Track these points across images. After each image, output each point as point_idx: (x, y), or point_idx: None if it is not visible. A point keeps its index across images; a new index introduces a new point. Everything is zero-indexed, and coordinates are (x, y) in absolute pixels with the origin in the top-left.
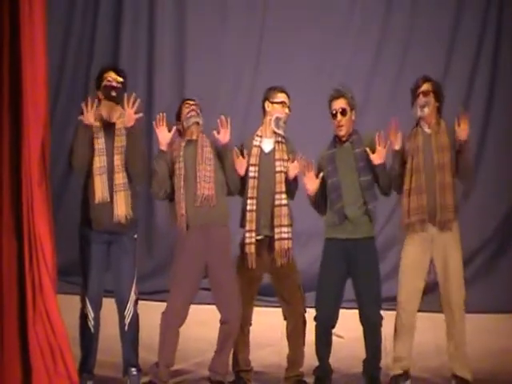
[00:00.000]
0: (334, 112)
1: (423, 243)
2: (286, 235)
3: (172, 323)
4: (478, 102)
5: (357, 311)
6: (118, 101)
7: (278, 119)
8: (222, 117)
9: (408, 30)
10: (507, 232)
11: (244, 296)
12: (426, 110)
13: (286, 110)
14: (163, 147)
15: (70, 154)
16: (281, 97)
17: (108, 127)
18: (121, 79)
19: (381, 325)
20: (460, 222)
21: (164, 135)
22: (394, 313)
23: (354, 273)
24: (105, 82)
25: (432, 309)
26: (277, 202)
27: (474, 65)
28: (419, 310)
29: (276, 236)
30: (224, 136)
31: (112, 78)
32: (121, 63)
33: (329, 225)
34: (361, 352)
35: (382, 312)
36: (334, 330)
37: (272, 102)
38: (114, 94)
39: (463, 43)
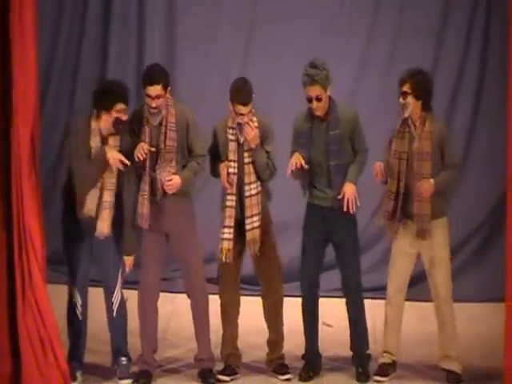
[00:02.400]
0: (309, 99)
1: (410, 237)
2: (256, 224)
3: (148, 299)
4: (467, 94)
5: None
6: (123, 133)
7: (239, 126)
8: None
9: (397, 21)
10: (496, 222)
11: (230, 270)
12: (406, 112)
13: (245, 119)
14: None
15: (78, 181)
16: (239, 110)
17: (103, 143)
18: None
19: (361, 290)
20: (449, 212)
21: None
22: (382, 302)
23: (334, 238)
24: (116, 115)
25: (421, 298)
26: (246, 194)
27: (464, 56)
28: (409, 300)
29: (247, 227)
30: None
31: (123, 110)
32: (110, 60)
33: (308, 196)
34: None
35: (371, 301)
36: (321, 320)
37: (233, 109)
38: (121, 127)
39: (453, 35)
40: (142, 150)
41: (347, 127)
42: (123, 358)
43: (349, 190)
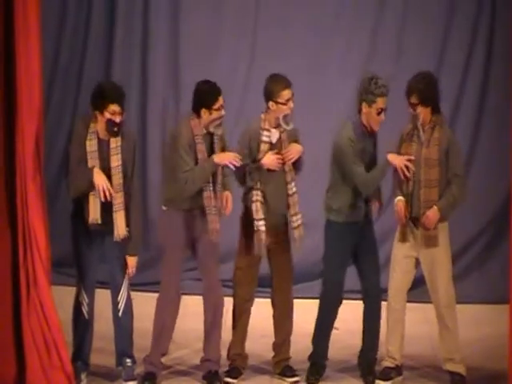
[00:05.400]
0: (381, 111)
1: (411, 242)
2: (300, 221)
3: (170, 306)
4: (471, 99)
5: (353, 303)
6: (118, 135)
7: (285, 117)
8: None
9: (401, 23)
10: (500, 224)
11: (247, 275)
12: (418, 122)
13: (291, 104)
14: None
15: (69, 182)
16: (286, 95)
17: (102, 145)
18: (123, 112)
19: (381, 297)
20: (453, 215)
21: None
22: (385, 304)
23: (358, 248)
24: (109, 116)
25: (424, 300)
26: (289, 192)
27: (468, 57)
28: (413, 301)
29: (294, 224)
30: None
31: (117, 112)
32: (114, 63)
33: (342, 210)
34: (356, 344)
35: None
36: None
37: (277, 103)
38: (116, 129)
39: (457, 38)
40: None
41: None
42: (128, 360)
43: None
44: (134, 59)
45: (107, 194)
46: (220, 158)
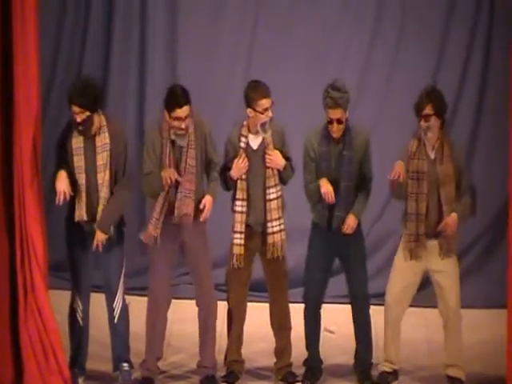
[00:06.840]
0: (331, 121)
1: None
2: (276, 228)
3: (159, 307)
4: (469, 98)
5: (348, 307)
6: (85, 133)
7: (263, 125)
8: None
9: (400, 26)
10: (499, 228)
11: (237, 280)
12: (429, 134)
13: (270, 113)
14: None
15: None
16: (264, 104)
17: (88, 143)
18: (85, 111)
19: (368, 301)
20: None
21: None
22: (383, 308)
23: (341, 254)
24: (72, 115)
25: (424, 304)
26: (267, 197)
27: (466, 63)
28: (412, 306)
29: (268, 230)
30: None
31: (76, 112)
32: (112, 64)
33: (316, 212)
34: (352, 347)
35: (373, 307)
36: (323, 326)
37: (255, 110)
38: (81, 128)
39: (455, 40)
40: (169, 179)
41: (360, 149)
42: (125, 364)
43: (351, 223)
44: (132, 60)
45: (61, 198)
46: (164, 172)
